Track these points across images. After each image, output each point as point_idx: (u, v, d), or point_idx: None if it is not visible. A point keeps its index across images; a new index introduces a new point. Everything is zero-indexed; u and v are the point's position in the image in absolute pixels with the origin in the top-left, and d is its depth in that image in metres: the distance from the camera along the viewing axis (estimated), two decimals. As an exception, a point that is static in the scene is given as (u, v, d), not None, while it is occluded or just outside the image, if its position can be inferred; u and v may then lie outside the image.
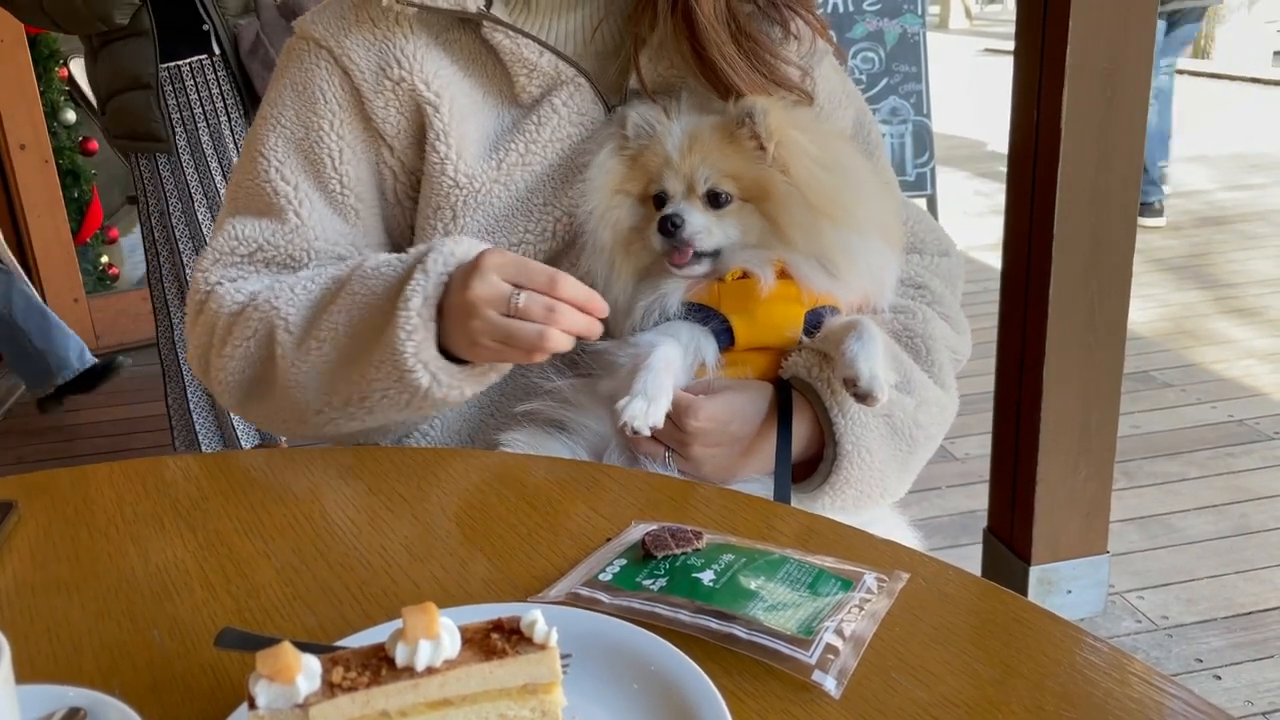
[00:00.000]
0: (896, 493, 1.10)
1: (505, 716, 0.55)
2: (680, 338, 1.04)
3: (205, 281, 1.11)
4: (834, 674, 0.63)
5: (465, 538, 0.83)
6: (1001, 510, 2.33)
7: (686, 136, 1.05)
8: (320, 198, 1.10)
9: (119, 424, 3.57)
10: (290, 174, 1.10)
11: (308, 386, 1.04)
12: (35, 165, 3.89)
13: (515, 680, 0.54)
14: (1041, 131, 2.01)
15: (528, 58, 1.08)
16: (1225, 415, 3.24)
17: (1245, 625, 2.26)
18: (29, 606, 0.77)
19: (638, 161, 1.07)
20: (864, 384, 0.97)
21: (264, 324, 1.05)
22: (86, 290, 4.11)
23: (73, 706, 0.59)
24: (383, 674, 0.52)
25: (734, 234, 1.04)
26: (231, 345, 1.07)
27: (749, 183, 1.04)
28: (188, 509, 0.90)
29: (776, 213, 1.04)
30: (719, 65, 1.05)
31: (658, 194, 1.06)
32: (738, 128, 1.04)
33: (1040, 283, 2.07)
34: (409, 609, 0.53)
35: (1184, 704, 0.61)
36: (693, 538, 0.77)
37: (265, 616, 0.74)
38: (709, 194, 1.04)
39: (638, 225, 1.08)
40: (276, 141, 1.10)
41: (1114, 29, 1.92)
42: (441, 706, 0.53)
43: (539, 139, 1.08)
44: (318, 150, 1.09)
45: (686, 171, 1.04)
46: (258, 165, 1.11)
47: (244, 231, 1.11)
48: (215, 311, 1.09)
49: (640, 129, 1.06)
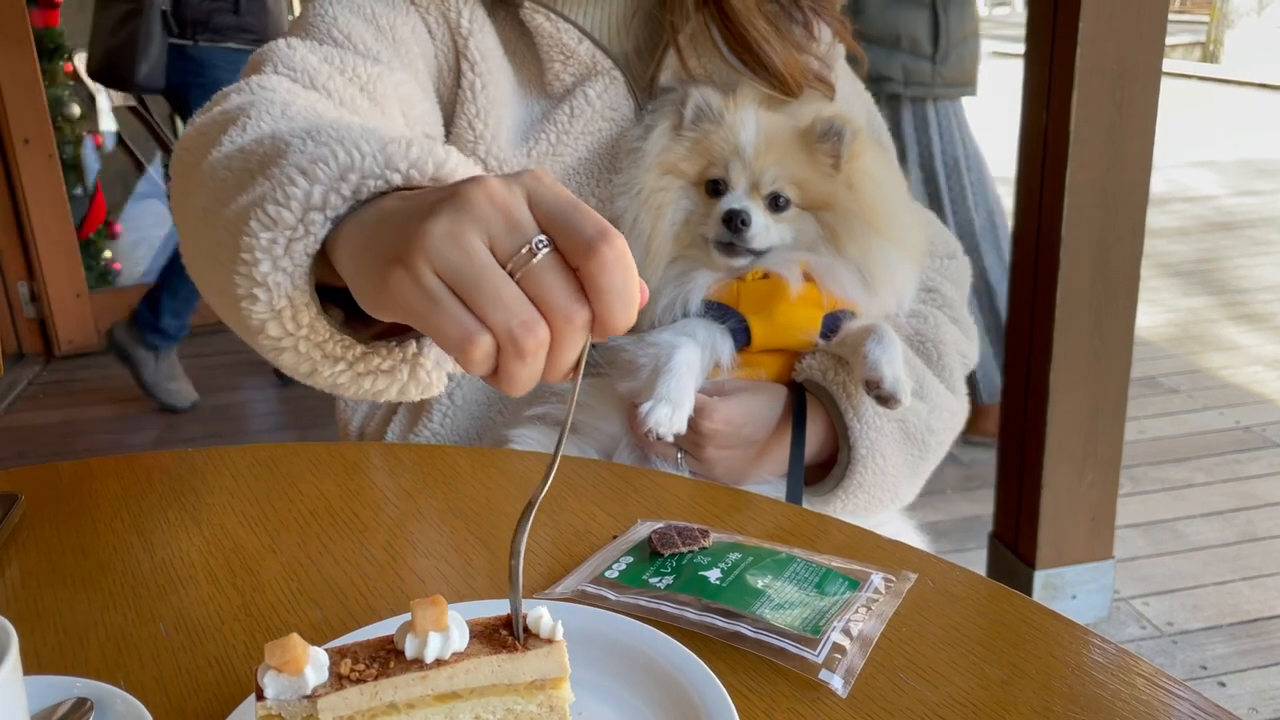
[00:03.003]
0: (906, 497, 1.10)
1: (513, 712, 0.55)
2: (698, 337, 1.03)
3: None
4: (841, 673, 0.63)
5: (471, 534, 0.83)
6: (1007, 515, 2.32)
7: (762, 134, 1.04)
8: (393, 56, 0.99)
9: (121, 420, 3.57)
10: (360, 30, 0.98)
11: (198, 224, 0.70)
12: (39, 160, 3.89)
13: (524, 675, 0.54)
14: (1050, 135, 2.01)
15: (566, 44, 1.06)
16: (1232, 421, 3.23)
17: (1251, 632, 2.26)
18: (34, 598, 0.77)
19: (698, 144, 1.06)
20: (888, 386, 0.96)
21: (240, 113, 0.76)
22: (89, 286, 4.11)
23: (79, 697, 0.59)
24: (391, 666, 0.52)
25: (787, 238, 1.05)
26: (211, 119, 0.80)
27: (814, 194, 1.05)
28: (193, 503, 0.90)
29: (835, 223, 1.04)
30: (756, 43, 1.05)
31: (714, 180, 1.05)
32: (818, 140, 1.04)
33: (1047, 286, 2.06)
34: (418, 601, 0.52)
35: (1192, 706, 0.61)
36: (699, 536, 0.76)
37: (271, 611, 0.73)
38: (771, 195, 1.04)
39: (687, 210, 1.07)
40: (342, 9, 0.99)
41: (1124, 32, 1.91)
42: (449, 699, 0.53)
43: (571, 130, 1.07)
44: (388, 22, 1.00)
45: (756, 168, 1.04)
46: (320, 20, 0.98)
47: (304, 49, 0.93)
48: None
49: (701, 111, 1.05)
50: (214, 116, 0.79)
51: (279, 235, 0.57)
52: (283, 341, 0.60)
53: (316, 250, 0.58)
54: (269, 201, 0.57)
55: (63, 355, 4.05)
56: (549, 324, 0.50)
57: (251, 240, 0.57)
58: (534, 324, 0.50)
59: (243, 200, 0.60)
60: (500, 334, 0.50)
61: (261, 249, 0.57)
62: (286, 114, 0.73)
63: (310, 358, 0.61)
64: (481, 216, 0.50)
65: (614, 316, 0.51)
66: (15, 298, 3.99)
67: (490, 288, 0.50)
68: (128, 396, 3.62)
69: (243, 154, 0.67)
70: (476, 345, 0.50)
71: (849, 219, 1.04)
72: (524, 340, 0.50)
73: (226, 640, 0.70)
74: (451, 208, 0.51)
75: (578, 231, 0.50)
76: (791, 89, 1.08)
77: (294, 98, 0.78)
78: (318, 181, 0.57)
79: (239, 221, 0.59)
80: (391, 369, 0.61)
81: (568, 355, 0.52)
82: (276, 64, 0.91)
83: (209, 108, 0.84)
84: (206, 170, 0.69)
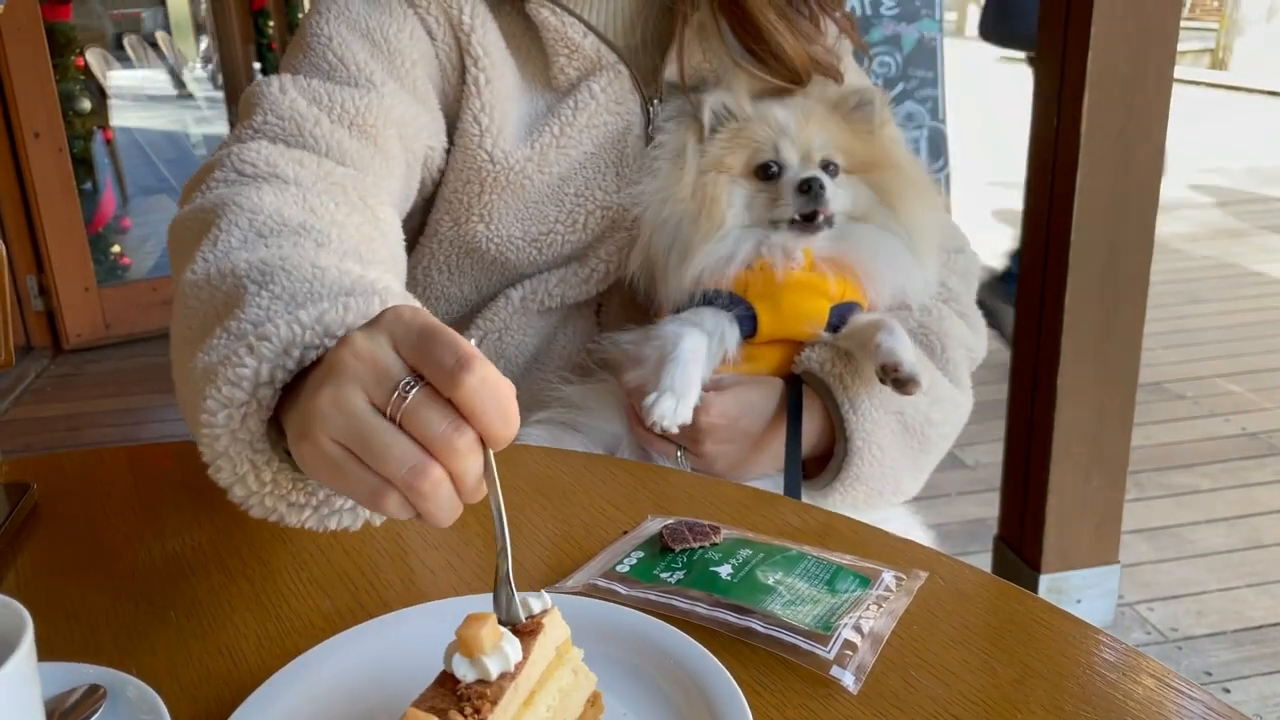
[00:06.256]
0: (909, 491, 1.10)
1: (561, 690, 0.56)
2: (705, 325, 1.03)
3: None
4: (852, 670, 0.63)
5: (480, 526, 0.83)
6: (1012, 518, 2.32)
7: (799, 110, 1.07)
8: (387, 74, 1.01)
9: (127, 413, 3.58)
10: (355, 49, 1.00)
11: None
12: (49, 154, 3.90)
13: (552, 649, 0.55)
14: (1061, 138, 2.01)
15: (572, 38, 1.07)
16: (1238, 429, 3.23)
17: (1255, 639, 2.25)
18: (47, 587, 0.77)
19: (735, 138, 1.07)
20: (907, 369, 0.96)
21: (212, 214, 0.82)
22: (98, 280, 4.12)
23: (92, 684, 0.60)
24: (488, 694, 0.51)
25: (847, 203, 1.07)
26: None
27: (858, 158, 1.08)
28: (203, 493, 0.90)
29: (885, 184, 1.08)
30: (768, 33, 1.06)
31: (766, 164, 1.06)
32: (852, 110, 1.09)
33: (1056, 291, 2.06)
34: (468, 623, 0.51)
35: (1204, 707, 0.61)
36: (710, 532, 0.76)
37: (281, 599, 0.74)
38: (824, 163, 1.06)
39: (745, 199, 1.07)
40: (339, 27, 1.01)
41: (1136, 36, 1.91)
42: (529, 702, 0.53)
43: (575, 123, 1.07)
44: (383, 34, 1.02)
45: (804, 141, 1.06)
46: (315, 41, 1.01)
47: (298, 86, 0.97)
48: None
49: (719, 115, 1.07)
50: (197, 210, 0.84)
51: (234, 412, 0.61)
52: (250, 499, 0.65)
53: (270, 416, 0.63)
54: (222, 381, 0.62)
55: (70, 349, 4.06)
56: (437, 457, 0.53)
57: (210, 417, 0.62)
58: (424, 466, 0.53)
59: (204, 360, 0.65)
60: (399, 484, 0.53)
61: (220, 425, 0.62)
62: (256, 229, 0.78)
63: (276, 509, 0.65)
64: (355, 375, 0.54)
65: (495, 432, 0.54)
66: (24, 291, 4.00)
67: (378, 444, 0.53)
68: (135, 390, 3.62)
69: (209, 286, 0.73)
70: (386, 500, 0.54)
71: (897, 177, 1.08)
72: (420, 484, 0.53)
73: (237, 629, 0.70)
74: (330, 377, 0.55)
75: (439, 365, 0.53)
76: (801, 78, 1.10)
77: (263, 200, 0.82)
78: (264, 359, 0.61)
79: (198, 393, 0.64)
80: (354, 507, 0.66)
81: (470, 477, 0.54)
82: (266, 113, 0.95)
83: (196, 184, 0.90)
84: (185, 288, 0.75)
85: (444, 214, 1.09)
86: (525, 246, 1.09)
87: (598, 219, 1.09)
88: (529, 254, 1.10)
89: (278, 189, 0.85)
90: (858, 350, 1.03)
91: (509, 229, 1.08)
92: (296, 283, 0.68)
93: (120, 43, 6.21)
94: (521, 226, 1.08)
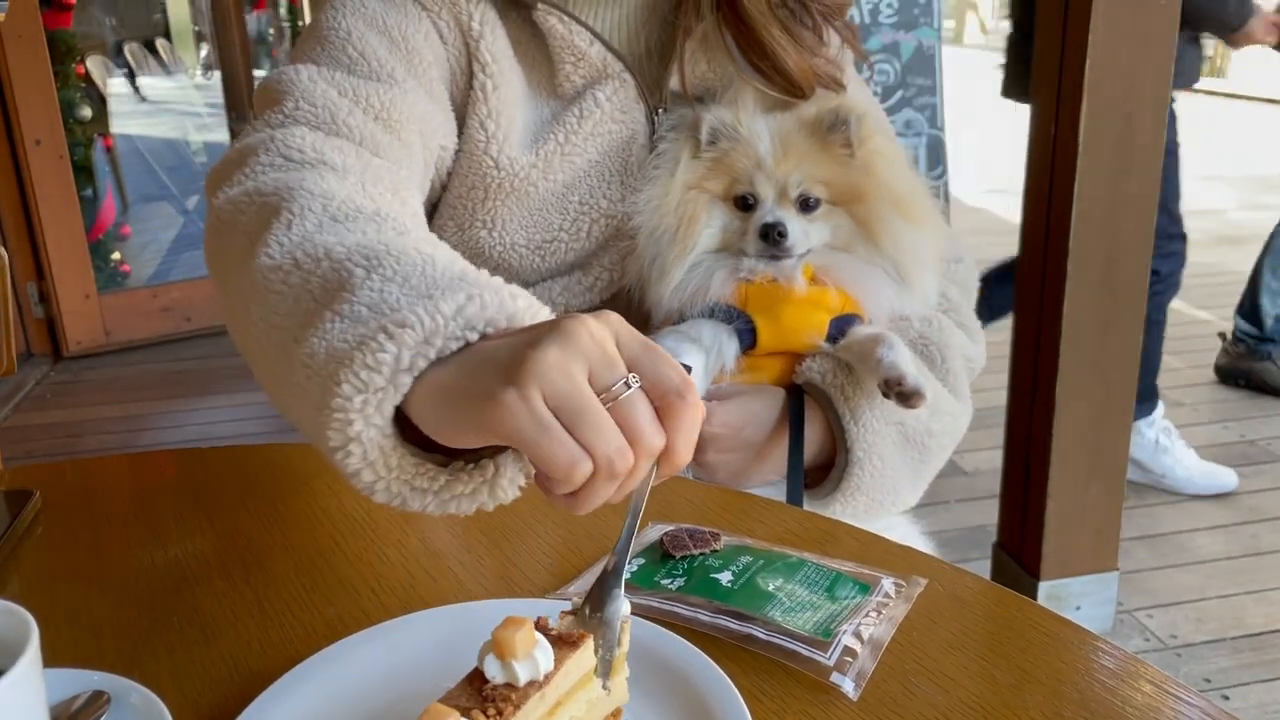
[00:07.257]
0: (908, 500, 1.10)
1: (590, 701, 0.56)
2: (703, 340, 1.04)
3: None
4: (852, 676, 0.63)
5: (482, 533, 0.83)
6: (1011, 525, 2.32)
7: (778, 141, 1.06)
8: (407, 72, 1.00)
9: (127, 420, 3.58)
10: (374, 45, 0.99)
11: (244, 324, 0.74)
12: (50, 161, 3.90)
13: (588, 663, 0.56)
14: (1059, 146, 2.01)
15: (578, 46, 1.07)
16: (1237, 435, 3.23)
17: (1254, 646, 2.25)
18: (50, 593, 0.77)
19: (719, 163, 1.07)
20: (910, 382, 0.97)
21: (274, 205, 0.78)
22: (98, 287, 4.12)
23: (96, 690, 0.60)
24: (512, 698, 0.51)
25: (825, 236, 1.06)
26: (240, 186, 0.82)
27: (839, 188, 1.06)
28: (206, 501, 0.90)
29: (867, 215, 1.06)
30: (771, 48, 1.06)
31: (743, 195, 1.06)
32: (828, 132, 1.06)
33: (1054, 299, 2.07)
34: (506, 625, 0.52)
35: (1203, 713, 0.61)
36: (710, 539, 0.77)
37: (284, 606, 0.74)
38: (801, 198, 1.05)
39: (722, 222, 1.07)
40: (356, 22, 1.00)
41: (1133, 46, 1.92)
42: (555, 710, 0.54)
43: (579, 131, 1.07)
44: (400, 33, 1.01)
45: (780, 177, 1.05)
46: (334, 35, 1.00)
47: (322, 76, 0.95)
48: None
49: (716, 132, 1.07)
50: (251, 193, 0.80)
51: (370, 397, 0.60)
52: (377, 485, 0.64)
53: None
54: (359, 365, 0.60)
55: (70, 356, 4.06)
56: (635, 439, 0.57)
57: (344, 401, 0.60)
58: (626, 451, 0.56)
59: (321, 344, 0.63)
60: (600, 460, 0.56)
61: (355, 410, 0.60)
62: (331, 214, 0.75)
63: (400, 494, 0.64)
64: (585, 351, 0.56)
65: (680, 453, 0.58)
66: (24, 298, 4.00)
67: (595, 418, 0.56)
68: (135, 397, 3.62)
69: (299, 270, 0.70)
70: (580, 470, 0.56)
71: (879, 208, 1.06)
72: (619, 466, 0.56)
73: (240, 636, 0.71)
74: (559, 340, 0.56)
75: (666, 378, 0.58)
76: (804, 92, 1.09)
77: (329, 185, 0.79)
78: (405, 346, 0.60)
79: (327, 377, 0.62)
80: (474, 491, 0.65)
81: (639, 478, 0.59)
82: (298, 100, 0.92)
83: (234, 167, 0.85)
84: (258, 274, 0.71)
85: (448, 219, 1.09)
86: (529, 254, 1.09)
87: (601, 227, 1.09)
88: (532, 261, 1.10)
89: (338, 176, 0.82)
90: (857, 364, 1.03)
91: (513, 236, 1.08)
92: (408, 267, 0.66)
93: (120, 49, 6.22)
94: (525, 233, 1.08)
